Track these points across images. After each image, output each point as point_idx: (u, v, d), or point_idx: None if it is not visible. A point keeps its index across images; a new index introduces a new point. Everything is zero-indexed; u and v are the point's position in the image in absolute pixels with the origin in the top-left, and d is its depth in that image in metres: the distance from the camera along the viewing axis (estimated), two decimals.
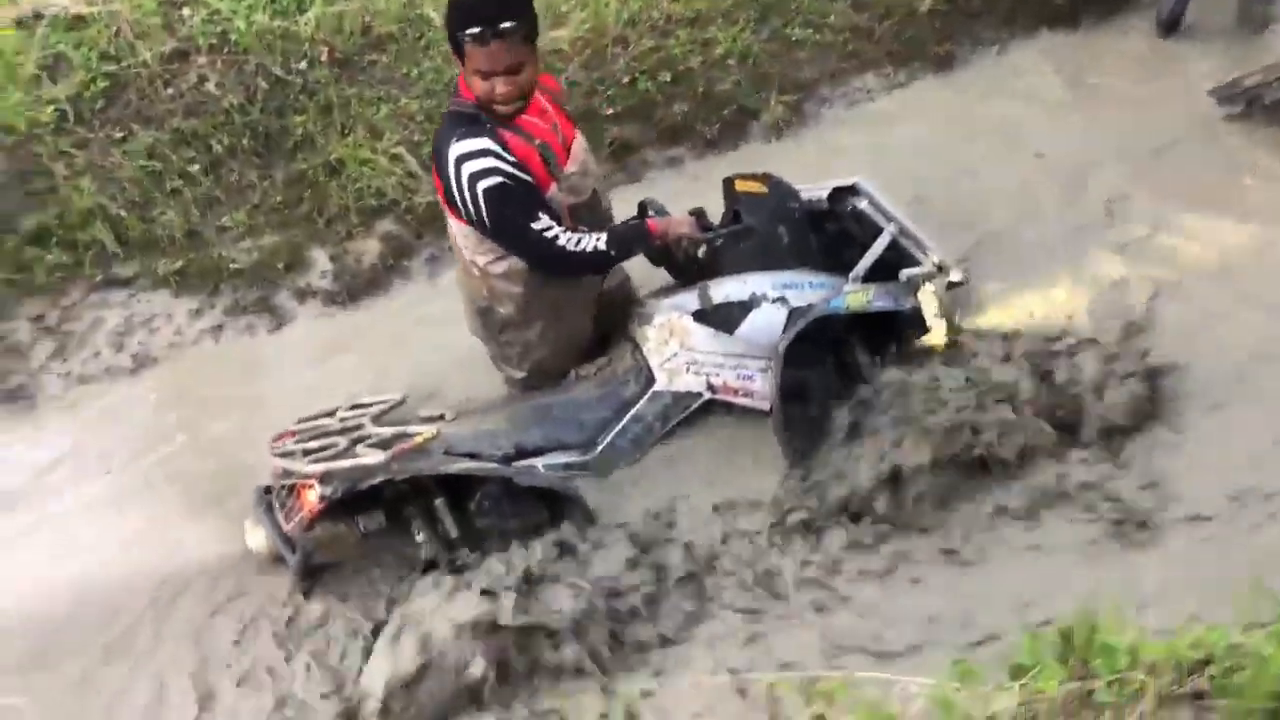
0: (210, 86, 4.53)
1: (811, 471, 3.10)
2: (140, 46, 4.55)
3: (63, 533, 3.45)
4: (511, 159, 2.86)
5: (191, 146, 4.43)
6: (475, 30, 2.73)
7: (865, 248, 3.27)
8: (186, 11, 4.67)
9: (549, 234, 2.91)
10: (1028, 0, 4.96)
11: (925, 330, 3.25)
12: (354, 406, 3.31)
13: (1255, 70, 4.20)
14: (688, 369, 3.17)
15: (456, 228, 3.06)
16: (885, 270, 3.26)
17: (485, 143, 2.83)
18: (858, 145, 4.52)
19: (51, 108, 4.39)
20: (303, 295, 4.17)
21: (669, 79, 4.69)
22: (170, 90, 4.54)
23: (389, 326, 4.06)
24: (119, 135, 4.43)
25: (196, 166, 4.40)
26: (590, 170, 3.16)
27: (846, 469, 3.03)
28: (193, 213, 4.33)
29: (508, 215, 2.89)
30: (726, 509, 3.10)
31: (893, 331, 3.30)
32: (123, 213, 4.28)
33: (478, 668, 2.66)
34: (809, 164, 4.43)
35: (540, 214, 2.91)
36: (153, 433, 3.73)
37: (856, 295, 3.18)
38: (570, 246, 2.93)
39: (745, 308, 3.17)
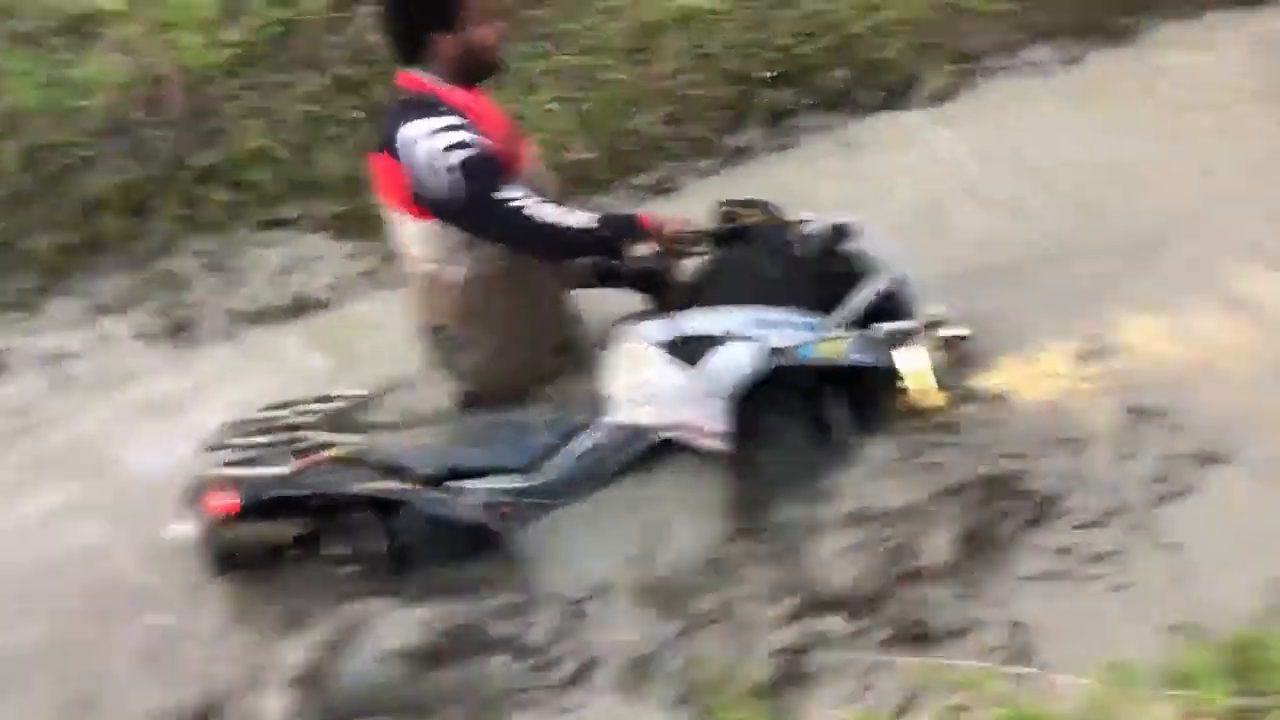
0: (371, 36, 4.61)
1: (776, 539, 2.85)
2: None
3: None
4: (482, 132, 2.73)
5: (354, 94, 4.52)
6: None
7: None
8: None
9: (529, 201, 2.73)
10: None
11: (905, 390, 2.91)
12: (319, 399, 3.20)
13: None
14: (646, 401, 2.87)
15: (408, 231, 2.87)
16: (891, 320, 2.96)
17: (454, 119, 2.70)
18: (1016, 120, 4.35)
19: (227, 51, 4.54)
20: None
21: (831, 44, 4.56)
22: (335, 38, 4.64)
23: None
24: (286, 80, 4.55)
25: (357, 114, 4.49)
26: (545, 177, 3.04)
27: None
28: (351, 159, 4.43)
29: (487, 184, 2.69)
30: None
31: (880, 387, 2.97)
32: (286, 155, 4.40)
33: None
34: (970, 134, 4.30)
35: (517, 184, 2.76)
36: (301, 375, 3.79)
37: (830, 344, 2.85)
38: (555, 219, 2.74)
39: (714, 342, 2.85)
